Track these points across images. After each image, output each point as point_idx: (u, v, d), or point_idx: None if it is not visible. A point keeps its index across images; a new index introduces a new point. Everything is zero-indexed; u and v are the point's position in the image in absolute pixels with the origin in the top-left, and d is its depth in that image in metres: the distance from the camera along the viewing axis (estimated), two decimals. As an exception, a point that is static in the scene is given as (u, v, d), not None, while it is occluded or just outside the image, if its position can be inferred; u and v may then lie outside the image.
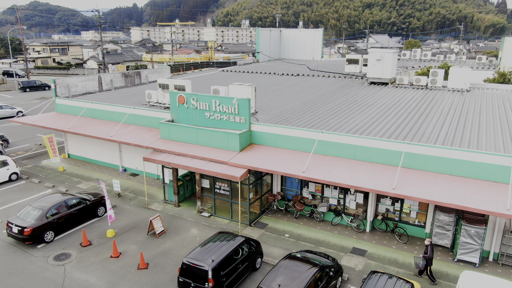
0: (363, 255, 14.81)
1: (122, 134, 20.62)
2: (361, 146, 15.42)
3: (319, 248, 15.19)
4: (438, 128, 17.89)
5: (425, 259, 12.98)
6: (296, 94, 26.69)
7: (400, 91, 27.02)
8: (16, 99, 53.06)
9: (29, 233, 15.05)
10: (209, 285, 11.56)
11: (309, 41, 50.35)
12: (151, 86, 30.97)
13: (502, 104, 22.59)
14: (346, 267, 14.05)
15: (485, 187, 13.14)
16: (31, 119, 24.79)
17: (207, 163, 16.89)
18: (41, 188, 21.36)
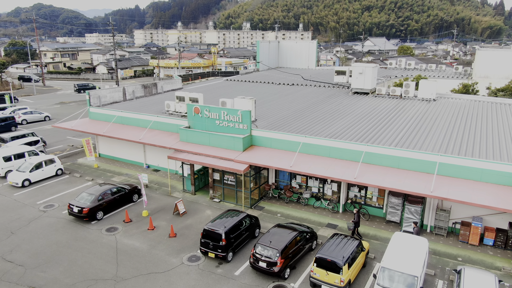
0: (335, 228, 19.93)
1: (148, 137, 25.78)
2: (334, 147, 20.55)
3: (303, 223, 20.31)
4: (397, 132, 22.99)
5: (354, 223, 18.50)
6: (289, 103, 31.83)
7: (378, 100, 32.11)
8: (36, 104, 58.12)
9: (86, 212, 20.22)
10: (222, 243, 16.68)
11: (305, 51, 55.51)
12: (166, 95, 36.13)
13: (457, 111, 27.66)
14: (322, 236, 19.15)
15: (419, 177, 18.23)
16: (70, 124, 29.98)
17: (217, 160, 22.03)
18: (82, 181, 26.54)
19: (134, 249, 18.09)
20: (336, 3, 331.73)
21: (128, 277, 16.00)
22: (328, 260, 14.53)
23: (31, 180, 25.65)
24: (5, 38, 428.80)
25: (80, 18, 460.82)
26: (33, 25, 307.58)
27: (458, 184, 17.34)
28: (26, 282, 15.74)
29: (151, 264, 16.92)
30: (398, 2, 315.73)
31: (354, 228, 18.65)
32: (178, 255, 17.60)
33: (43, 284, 15.58)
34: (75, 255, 17.65)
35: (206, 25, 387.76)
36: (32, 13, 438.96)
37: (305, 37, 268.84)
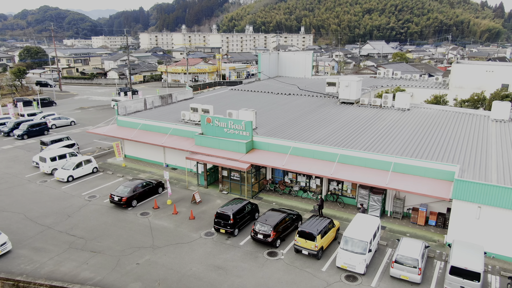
0: (321, 215, 25.72)
1: (169, 141, 31.66)
2: (316, 150, 26.34)
3: (292, 209, 26.12)
4: (370, 137, 28.74)
5: (318, 206, 24.50)
6: (285, 112, 37.66)
7: (360, 110, 37.89)
8: (58, 109, 64.08)
9: (125, 201, 26.12)
10: (231, 222, 22.49)
11: (302, 61, 61.33)
12: (180, 104, 42.02)
13: (424, 120, 33.34)
14: (306, 218, 24.94)
15: (379, 173, 23.98)
16: (102, 130, 35.95)
17: (225, 160, 27.87)
18: (114, 177, 32.45)
19: (163, 228, 23.97)
20: (337, 6, 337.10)
21: (162, 246, 21.88)
22: (306, 232, 20.35)
23: (74, 176, 31.58)
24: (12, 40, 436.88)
25: (86, 21, 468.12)
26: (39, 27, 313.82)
27: (406, 179, 23.11)
28: (88, 248, 21.64)
29: (178, 238, 22.79)
30: (399, 5, 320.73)
31: (319, 209, 24.64)
32: (197, 232, 23.46)
33: (101, 250, 21.48)
34: (120, 231, 23.55)
35: (209, 28, 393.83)
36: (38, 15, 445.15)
37: (307, 40, 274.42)
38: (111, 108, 64.38)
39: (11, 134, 45.60)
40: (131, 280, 18.79)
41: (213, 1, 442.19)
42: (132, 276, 19.14)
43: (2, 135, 46.05)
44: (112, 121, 38.20)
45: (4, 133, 45.78)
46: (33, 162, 34.86)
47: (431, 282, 18.57)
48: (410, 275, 18.26)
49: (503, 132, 29.97)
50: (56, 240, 22.44)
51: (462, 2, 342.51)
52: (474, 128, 31.12)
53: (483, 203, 19.87)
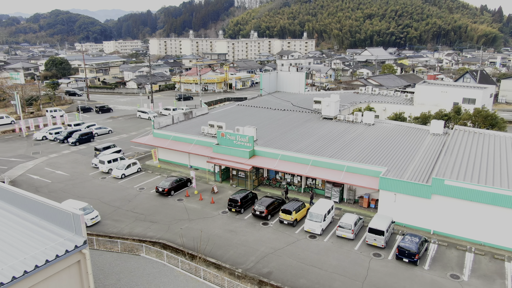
0: (297, 200, 37.81)
1: (193, 149, 43.89)
2: (297, 157, 38.44)
3: (280, 196, 38.19)
4: (337, 146, 40.72)
5: (284, 191, 36.52)
6: (279, 126, 49.78)
7: (336, 124, 49.89)
8: (92, 118, 76.53)
9: (166, 191, 38.38)
10: (239, 204, 34.67)
11: (296, 79, 73.41)
12: (198, 119, 54.20)
13: (381, 133, 45.21)
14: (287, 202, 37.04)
15: (337, 172, 35.98)
16: (143, 140, 48.27)
17: (235, 163, 40.02)
18: (154, 175, 44.72)
19: (194, 208, 36.19)
20: (339, 11, 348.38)
21: (194, 219, 34.09)
22: (286, 209, 32.46)
23: (125, 174, 43.92)
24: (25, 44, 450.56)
25: (96, 24, 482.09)
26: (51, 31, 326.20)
27: (354, 176, 35.10)
28: (148, 220, 33.88)
29: (204, 214, 35.00)
30: (399, 10, 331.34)
31: (286, 194, 36.81)
32: (216, 211, 35.67)
33: (156, 221, 33.71)
34: (166, 210, 35.82)
35: (215, 31, 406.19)
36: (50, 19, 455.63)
37: (309, 45, 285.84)
38: (137, 117, 76.89)
39: (65, 141, 58.10)
40: (179, 237, 30.99)
41: (219, 6, 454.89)
42: (178, 235, 31.35)
43: (58, 142, 58.58)
44: (148, 132, 50.54)
45: (59, 140, 58.33)
46: (92, 164, 47.29)
47: (360, 239, 30.61)
48: (347, 234, 30.32)
49: (434, 143, 41.82)
50: (126, 215, 34.76)
51: (460, 7, 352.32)
52: (414, 139, 43.04)
53: (397, 191, 31.88)
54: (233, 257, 28.04)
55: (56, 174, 45.10)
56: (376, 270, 26.65)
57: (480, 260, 27.85)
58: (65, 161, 49.92)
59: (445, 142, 40.43)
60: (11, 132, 65.15)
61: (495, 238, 29.17)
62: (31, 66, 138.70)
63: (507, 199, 27.96)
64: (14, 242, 19.00)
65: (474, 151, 37.32)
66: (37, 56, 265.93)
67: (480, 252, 28.69)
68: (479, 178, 31.02)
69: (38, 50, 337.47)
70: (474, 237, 29.91)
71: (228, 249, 29.13)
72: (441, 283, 25.22)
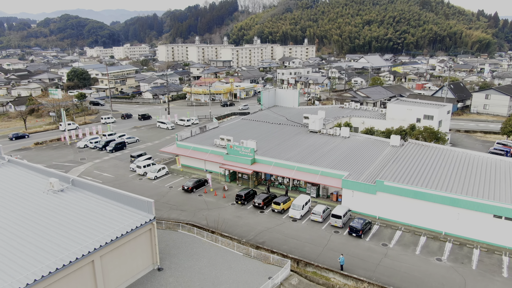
0: (286, 195, 51.70)
1: (209, 157, 57.91)
2: (285, 164, 52.33)
3: (273, 193, 52.08)
4: (316, 156, 54.50)
5: (267, 188, 50.65)
6: (275, 138, 63.68)
7: (319, 137, 63.71)
8: (118, 128, 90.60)
9: (190, 189, 52.45)
10: (243, 198, 48.63)
11: (291, 95, 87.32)
12: (211, 132, 68.08)
13: (352, 144, 58.88)
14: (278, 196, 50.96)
15: (314, 175, 49.78)
16: (169, 149, 62.31)
17: (240, 168, 54.01)
18: (178, 177, 58.76)
19: (210, 201, 50.19)
20: (339, 17, 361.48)
21: (212, 208, 48.09)
22: (277, 202, 46.44)
23: (157, 176, 57.97)
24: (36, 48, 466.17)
25: (104, 29, 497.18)
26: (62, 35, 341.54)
27: (326, 178, 48.86)
28: (179, 209, 47.88)
29: (218, 205, 48.99)
30: (396, 16, 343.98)
31: (268, 189, 50.69)
32: (227, 203, 49.66)
33: (184, 209, 47.72)
34: (191, 202, 49.84)
35: (220, 36, 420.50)
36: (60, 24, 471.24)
37: (310, 51, 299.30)
38: (157, 127, 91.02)
39: (103, 149, 72.23)
40: (202, 219, 44.89)
41: (223, 11, 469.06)
42: (202, 218, 45.26)
43: (97, 150, 72.74)
44: (168, 141, 64.54)
45: (99, 148, 72.50)
46: (130, 168, 61.38)
47: (327, 222, 44.44)
48: (317, 218, 44.20)
49: (390, 153, 55.45)
50: (163, 206, 48.77)
51: (457, 13, 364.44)
52: (376, 150, 56.71)
53: (354, 189, 45.71)
54: (240, 233, 41.99)
55: (103, 176, 59.24)
56: (334, 241, 40.53)
57: (405, 235, 41.65)
58: (108, 166, 64.08)
59: (397, 152, 54.18)
60: (57, 140, 79.44)
61: (418, 221, 42.92)
62: (55, 77, 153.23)
63: (425, 195, 41.70)
64: (115, 217, 33.04)
65: (416, 159, 51.10)
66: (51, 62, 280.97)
67: (406, 230, 42.51)
68: (411, 181, 44.79)
69: (51, 56, 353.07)
70: (404, 221, 43.70)
71: (236, 228, 43.09)
72: (374, 248, 39.05)
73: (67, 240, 29.38)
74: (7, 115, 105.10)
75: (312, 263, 36.10)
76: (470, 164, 49.63)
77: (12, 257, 27.15)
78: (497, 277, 34.57)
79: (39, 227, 31.14)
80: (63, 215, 32.95)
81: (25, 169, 43.24)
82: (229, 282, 32.93)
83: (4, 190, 37.85)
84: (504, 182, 43.92)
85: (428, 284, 33.55)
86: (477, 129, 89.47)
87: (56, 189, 37.22)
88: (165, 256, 36.55)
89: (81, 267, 28.34)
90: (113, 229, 31.11)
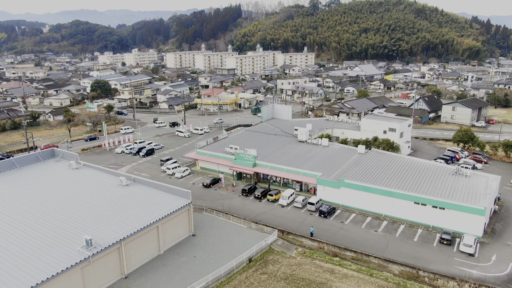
0: (277, 189, 71.16)
1: (221, 161, 77.48)
2: (279, 167, 71.78)
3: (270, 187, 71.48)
4: (301, 161, 73.81)
5: (255, 183, 69.87)
6: (270, 146, 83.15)
7: (306, 146, 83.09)
8: (143, 136, 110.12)
9: (208, 185, 72.05)
10: (246, 191, 68.14)
11: (286, 110, 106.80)
12: (222, 141, 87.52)
13: (330, 152, 78.10)
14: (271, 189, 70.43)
15: (299, 176, 69.15)
16: (190, 155, 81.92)
17: (245, 170, 73.54)
18: (198, 176, 78.34)
19: (223, 194, 69.72)
20: (338, 25, 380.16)
21: (224, 199, 67.60)
22: (270, 193, 65.96)
23: (183, 176, 77.57)
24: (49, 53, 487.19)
25: (113, 34, 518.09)
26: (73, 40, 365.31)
27: (306, 177, 68.23)
28: (201, 199, 67.44)
29: (229, 196, 68.50)
30: (392, 25, 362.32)
31: (255, 184, 70.16)
32: (235, 195, 69.19)
33: (206, 199, 67.23)
34: (208, 195, 69.39)
35: (224, 41, 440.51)
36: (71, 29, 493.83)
37: (309, 59, 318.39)
38: (175, 135, 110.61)
39: (137, 154, 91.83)
40: (219, 206, 64.34)
41: (228, 17, 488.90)
42: (218, 205, 64.69)
43: (132, 155, 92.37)
44: (187, 147, 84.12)
45: (133, 153, 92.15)
46: (161, 169, 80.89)
47: (305, 207, 63.85)
48: (298, 205, 63.66)
49: (356, 158, 74.55)
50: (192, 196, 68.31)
51: (450, 21, 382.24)
52: (346, 156, 75.80)
53: (325, 185, 65.14)
54: (244, 214, 61.43)
55: (142, 175, 78.77)
56: (308, 220, 59.91)
57: (357, 216, 61.00)
58: (143, 168, 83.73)
59: (361, 158, 73.44)
60: (98, 147, 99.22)
61: (367, 206, 62.18)
62: (81, 87, 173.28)
63: (372, 189, 60.96)
64: (167, 201, 52.59)
65: (373, 163, 70.33)
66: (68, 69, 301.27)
67: (358, 213, 61.87)
68: (365, 179, 64.01)
69: (65, 62, 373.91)
70: (357, 207, 63.01)
71: (242, 211, 62.55)
72: (334, 224, 58.43)
73: (141, 214, 48.93)
74: (48, 124, 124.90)
75: (292, 232, 55.56)
76: (409, 167, 68.86)
77: (108, 223, 46.67)
78: (410, 241, 53.92)
79: (120, 207, 50.69)
80: (133, 200, 52.54)
81: (97, 170, 62.89)
82: (238, 243, 52.38)
83: (88, 184, 57.46)
84: (425, 181, 63.08)
85: (364, 244, 52.92)
86: (440, 137, 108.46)
87: (124, 184, 56.80)
88: (196, 228, 56.10)
89: (151, 230, 47.90)
90: (166, 208, 50.64)
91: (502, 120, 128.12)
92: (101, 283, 42.60)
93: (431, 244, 53.06)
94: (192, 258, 48.88)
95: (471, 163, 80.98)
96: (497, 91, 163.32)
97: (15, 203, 50.81)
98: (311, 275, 46.69)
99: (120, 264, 44.48)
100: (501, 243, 53.30)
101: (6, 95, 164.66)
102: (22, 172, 60.99)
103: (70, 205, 50.53)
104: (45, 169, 62.63)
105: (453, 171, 65.60)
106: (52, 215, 47.78)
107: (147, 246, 47.99)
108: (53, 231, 44.37)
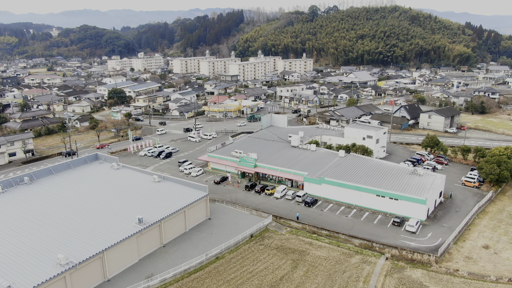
0: (272, 185, 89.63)
1: (229, 163, 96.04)
2: (274, 167, 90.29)
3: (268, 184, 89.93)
4: (292, 163, 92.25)
5: (249, 179, 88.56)
6: (268, 150, 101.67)
7: (297, 150, 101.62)
8: (162, 141, 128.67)
9: (218, 182, 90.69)
10: (249, 187, 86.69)
11: (282, 118, 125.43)
12: (228, 146, 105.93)
13: (317, 155, 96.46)
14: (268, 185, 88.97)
15: (290, 174, 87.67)
16: (203, 157, 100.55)
17: (247, 170, 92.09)
18: (210, 175, 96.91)
19: (231, 189, 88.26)
20: (335, 31, 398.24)
21: (231, 193, 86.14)
22: (268, 188, 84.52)
23: (197, 174, 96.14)
24: (59, 57, 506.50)
25: (120, 39, 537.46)
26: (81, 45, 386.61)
27: (295, 176, 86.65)
28: (213, 192, 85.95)
29: (235, 191, 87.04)
30: (387, 31, 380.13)
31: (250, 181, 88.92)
32: (240, 190, 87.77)
33: (217, 193, 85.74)
34: (219, 190, 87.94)
35: (227, 46, 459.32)
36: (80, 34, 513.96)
37: (308, 65, 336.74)
38: (188, 140, 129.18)
39: (157, 157, 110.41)
40: (227, 198, 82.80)
41: (230, 22, 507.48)
42: (227, 197, 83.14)
43: (153, 157, 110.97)
44: (199, 151, 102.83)
45: (154, 156, 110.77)
46: (180, 169, 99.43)
47: (294, 199, 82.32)
48: (289, 198, 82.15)
49: (337, 161, 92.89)
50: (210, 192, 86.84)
51: (442, 28, 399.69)
52: (329, 159, 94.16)
53: (310, 182, 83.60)
54: (247, 204, 79.86)
55: (164, 175, 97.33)
56: (296, 208, 78.40)
57: (333, 206, 79.46)
58: (164, 168, 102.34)
59: (341, 161, 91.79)
60: (124, 151, 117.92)
61: (342, 198, 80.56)
62: (100, 95, 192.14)
63: (345, 185, 79.39)
64: (190, 193, 71.26)
65: (349, 165, 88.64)
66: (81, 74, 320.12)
67: (336, 204, 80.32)
68: (341, 177, 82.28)
69: (76, 66, 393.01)
70: (335, 199, 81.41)
71: (245, 202, 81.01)
72: (315, 211, 76.94)
73: (172, 202, 67.48)
74: (77, 130, 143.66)
75: (283, 217, 74.10)
76: (377, 168, 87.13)
77: (151, 208, 65.21)
78: (370, 223, 72.40)
79: (157, 197, 69.21)
80: (165, 193, 71.10)
81: (133, 170, 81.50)
82: (242, 224, 70.91)
83: (129, 181, 76.02)
84: (387, 179, 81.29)
85: (336, 226, 71.36)
86: (415, 142, 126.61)
87: (156, 181, 75.41)
88: (211, 213, 74.64)
89: (180, 213, 66.50)
90: (190, 198, 69.23)
91: (474, 126, 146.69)
92: (149, 249, 61.26)
93: (386, 225, 71.53)
94: (209, 234, 67.51)
95: (432, 164, 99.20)
96: (474, 99, 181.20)
97: (83, 195, 69.54)
98: (295, 246, 65.23)
99: (160, 237, 63.13)
100: (438, 225, 71.68)
101: (33, 102, 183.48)
102: (77, 172, 79.73)
103: (121, 195, 69.24)
104: (94, 169, 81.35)
105: (410, 171, 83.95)
106: (110, 203, 66.47)
107: (178, 225, 66.58)
108: (113, 213, 63.06)
